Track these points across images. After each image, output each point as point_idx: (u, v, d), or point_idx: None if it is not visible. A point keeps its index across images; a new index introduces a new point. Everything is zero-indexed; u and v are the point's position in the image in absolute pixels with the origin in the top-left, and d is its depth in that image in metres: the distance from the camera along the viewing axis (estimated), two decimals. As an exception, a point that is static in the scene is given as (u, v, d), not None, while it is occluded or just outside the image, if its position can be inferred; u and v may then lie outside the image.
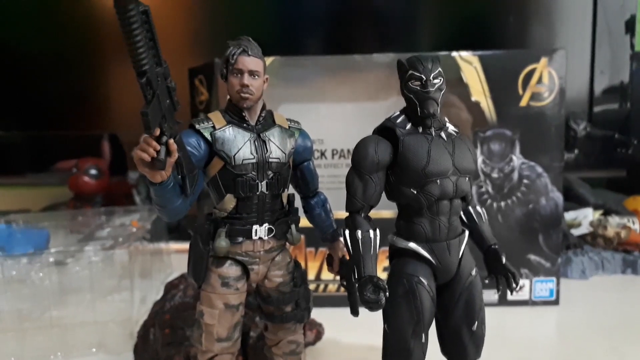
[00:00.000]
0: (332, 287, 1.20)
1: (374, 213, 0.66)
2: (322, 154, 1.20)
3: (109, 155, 1.85)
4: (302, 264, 1.20)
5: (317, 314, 0.99)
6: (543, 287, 1.18)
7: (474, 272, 0.66)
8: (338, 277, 0.78)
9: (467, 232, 0.67)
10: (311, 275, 1.20)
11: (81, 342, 1.01)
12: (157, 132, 0.52)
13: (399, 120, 0.65)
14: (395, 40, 1.88)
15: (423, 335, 0.62)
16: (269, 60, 1.14)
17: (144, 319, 0.98)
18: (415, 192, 0.63)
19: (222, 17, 1.84)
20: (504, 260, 0.66)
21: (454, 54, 1.12)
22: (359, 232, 0.62)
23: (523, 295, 1.18)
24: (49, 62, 1.94)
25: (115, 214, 1.41)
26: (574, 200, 1.63)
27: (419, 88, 0.62)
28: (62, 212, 1.57)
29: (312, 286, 1.20)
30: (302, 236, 1.15)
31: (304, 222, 0.78)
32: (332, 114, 1.20)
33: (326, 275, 1.19)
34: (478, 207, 0.70)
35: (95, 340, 1.02)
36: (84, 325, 1.02)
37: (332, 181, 1.18)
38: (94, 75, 1.91)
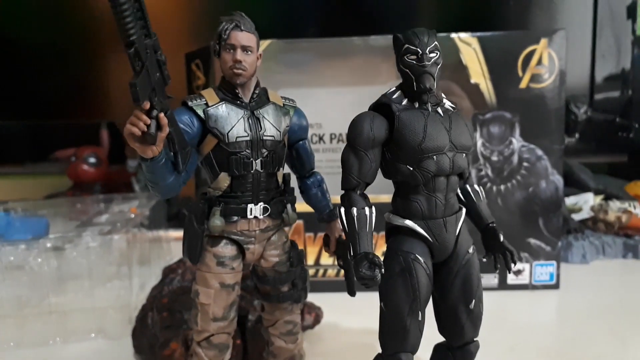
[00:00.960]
0: (331, 272, 1.19)
1: (372, 197, 0.65)
2: (321, 138, 1.19)
3: (107, 143, 1.85)
4: (301, 249, 1.20)
5: (316, 298, 1.00)
6: (543, 271, 1.18)
7: (471, 250, 0.65)
8: (335, 258, 0.77)
9: (464, 210, 0.66)
10: (310, 260, 1.19)
11: (80, 327, 1.01)
12: (147, 105, 0.51)
13: (395, 96, 0.64)
14: (395, 24, 1.86)
15: (420, 313, 0.62)
16: (265, 43, 1.13)
17: (142, 304, 0.98)
18: (411, 168, 0.62)
19: (218, 2, 1.83)
20: (501, 238, 0.66)
21: (453, 35, 1.11)
22: (355, 210, 0.61)
23: (523, 279, 1.18)
24: (47, 51, 1.93)
25: (113, 201, 1.40)
26: (574, 185, 1.62)
27: (414, 62, 0.61)
28: (60, 199, 1.57)
29: (311, 271, 1.19)
30: (301, 221, 1.17)
31: (304, 206, 0.77)
32: (331, 98, 1.19)
33: (325, 260, 1.19)
34: (476, 186, 0.70)
35: (94, 325, 1.02)
36: (82, 312, 1.02)
37: (330, 165, 1.17)
38: (92, 64, 1.90)
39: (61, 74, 1.93)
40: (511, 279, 1.18)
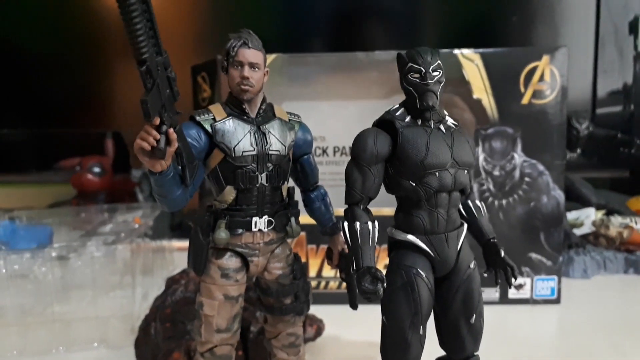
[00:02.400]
0: (333, 284, 1.20)
1: (374, 210, 0.66)
2: (324, 151, 1.20)
3: (112, 153, 1.86)
4: (304, 261, 1.20)
5: (318, 310, 1.00)
6: (544, 285, 1.18)
7: (472, 265, 0.66)
8: (338, 271, 0.78)
9: (465, 225, 0.67)
10: (312, 272, 1.20)
11: (83, 336, 1.02)
12: (157, 121, 0.53)
13: (398, 113, 0.65)
14: (400, 39, 1.88)
15: (421, 327, 0.62)
16: (271, 57, 1.15)
17: (145, 314, 0.99)
18: (413, 184, 0.63)
19: (225, 15, 1.85)
20: (502, 253, 0.66)
21: (456, 51, 1.12)
22: (358, 224, 0.62)
23: (524, 293, 1.18)
24: (53, 60, 1.96)
25: (117, 211, 1.41)
26: (576, 200, 1.63)
27: (418, 80, 0.62)
28: (65, 208, 1.58)
29: (313, 283, 1.20)
30: (304, 233, 1.18)
31: (306, 218, 0.78)
32: (334, 112, 1.20)
33: (327, 272, 1.19)
34: (477, 201, 0.70)
35: (96, 335, 1.02)
36: (85, 321, 1.02)
37: (333, 178, 1.18)
38: (98, 74, 1.92)
39: (67, 83, 1.95)
40: (512, 293, 1.18)
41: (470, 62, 1.13)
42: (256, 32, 0.66)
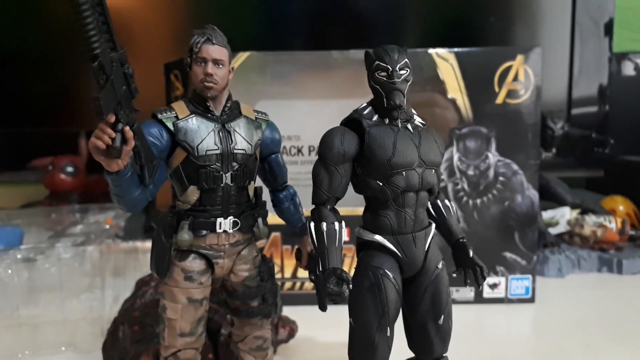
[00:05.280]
0: (308, 285, 1.19)
1: (349, 210, 0.65)
2: (299, 150, 1.19)
3: (86, 152, 1.82)
4: (279, 262, 1.19)
5: (294, 311, 1.00)
6: (519, 284, 1.18)
7: (440, 266, 0.66)
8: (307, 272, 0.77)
9: (433, 225, 0.67)
10: (287, 273, 1.19)
11: (50, 340, 0.99)
12: (112, 119, 0.51)
13: (365, 112, 0.64)
14: (378, 39, 1.88)
15: (388, 329, 0.62)
16: (244, 55, 1.13)
17: (114, 317, 0.96)
18: (380, 184, 0.62)
19: (202, 12, 1.82)
20: (471, 253, 0.66)
21: (431, 50, 1.12)
22: (324, 225, 0.61)
23: (499, 292, 1.19)
24: (25, 57, 1.91)
25: (89, 211, 1.38)
26: (552, 199, 1.64)
27: (385, 79, 0.62)
28: (36, 209, 1.54)
29: (288, 284, 1.19)
30: (278, 233, 1.17)
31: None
32: (309, 111, 1.19)
33: (303, 273, 1.18)
34: (447, 201, 0.70)
35: (65, 338, 1.00)
36: (53, 324, 1.00)
37: (308, 177, 1.15)
38: (72, 72, 1.87)
39: (40, 81, 1.90)
40: (487, 292, 1.18)
41: (445, 61, 1.12)
42: (234, 29, 0.65)
